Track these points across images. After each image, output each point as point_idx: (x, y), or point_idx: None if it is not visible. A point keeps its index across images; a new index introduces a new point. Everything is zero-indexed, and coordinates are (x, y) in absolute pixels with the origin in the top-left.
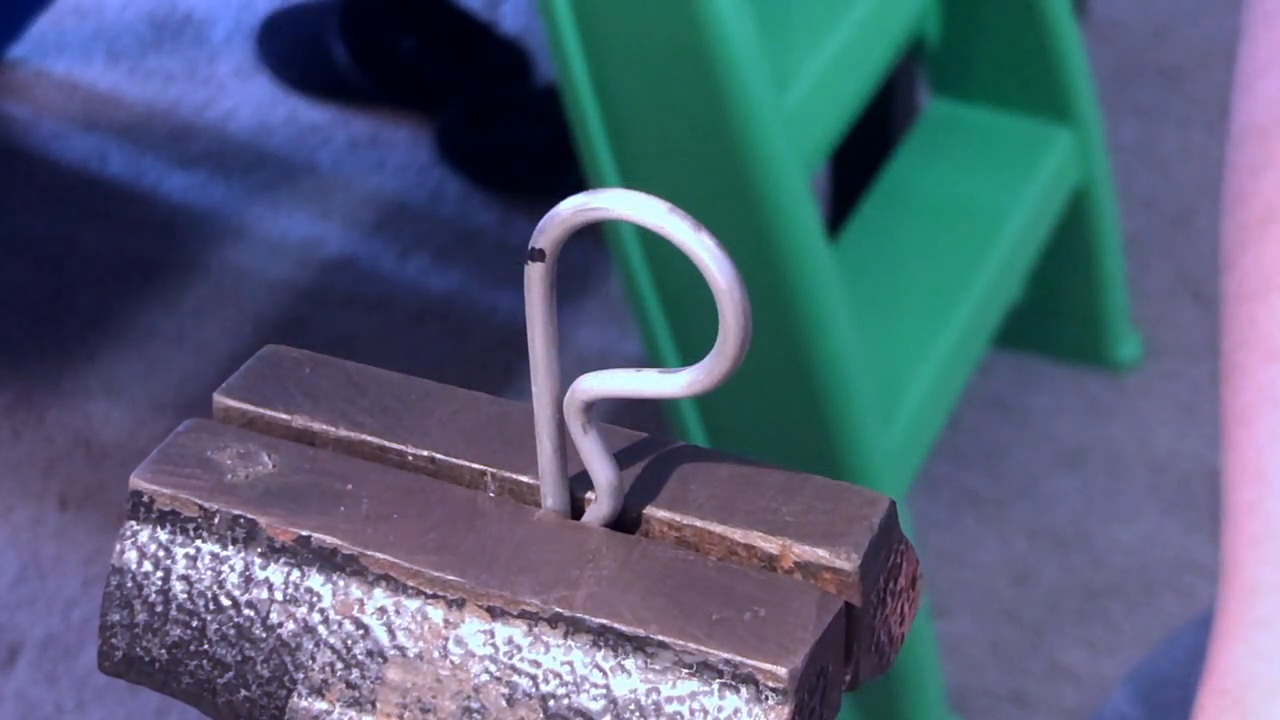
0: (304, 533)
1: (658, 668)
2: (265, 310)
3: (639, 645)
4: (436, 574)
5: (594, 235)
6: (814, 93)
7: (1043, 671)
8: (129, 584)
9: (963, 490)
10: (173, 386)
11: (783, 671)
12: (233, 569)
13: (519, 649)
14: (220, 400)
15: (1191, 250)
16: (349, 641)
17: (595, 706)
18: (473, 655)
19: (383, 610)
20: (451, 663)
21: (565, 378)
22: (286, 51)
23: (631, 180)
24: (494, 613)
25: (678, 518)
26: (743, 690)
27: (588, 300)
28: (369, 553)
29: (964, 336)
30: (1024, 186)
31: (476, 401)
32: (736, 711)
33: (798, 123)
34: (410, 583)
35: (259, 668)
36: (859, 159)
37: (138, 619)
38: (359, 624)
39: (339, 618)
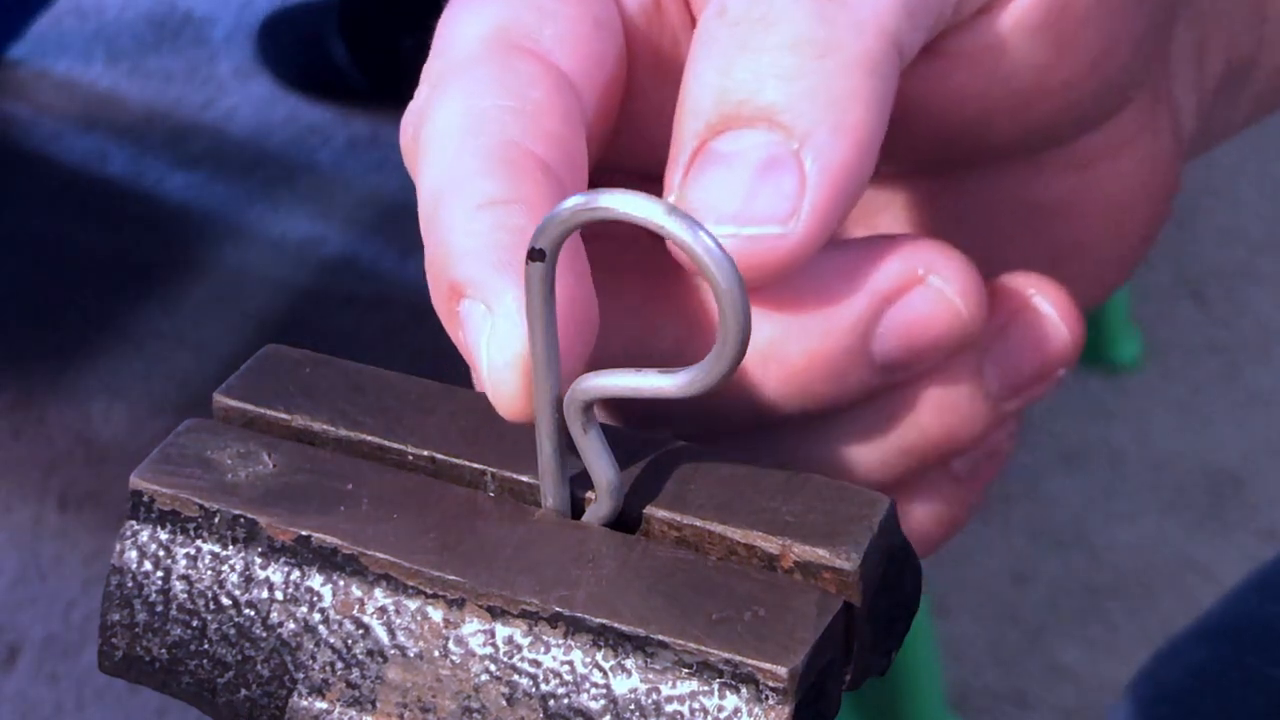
0: (304, 532)
1: (658, 667)
2: (265, 310)
3: (639, 645)
4: (436, 573)
5: None
6: None
7: (1042, 671)
8: (129, 584)
9: None
10: (173, 386)
11: (783, 671)
12: (233, 569)
13: (519, 648)
14: (220, 400)
15: (1191, 250)
16: (349, 641)
17: (595, 706)
18: (473, 655)
19: (383, 610)
20: (451, 662)
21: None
22: (286, 51)
23: None
24: (494, 612)
25: (678, 517)
26: (743, 690)
27: None
28: (369, 552)
29: None
30: None
31: (476, 401)
32: (736, 711)
33: None
34: (410, 582)
35: (259, 667)
36: None
37: (138, 619)
38: (359, 623)
39: (339, 617)
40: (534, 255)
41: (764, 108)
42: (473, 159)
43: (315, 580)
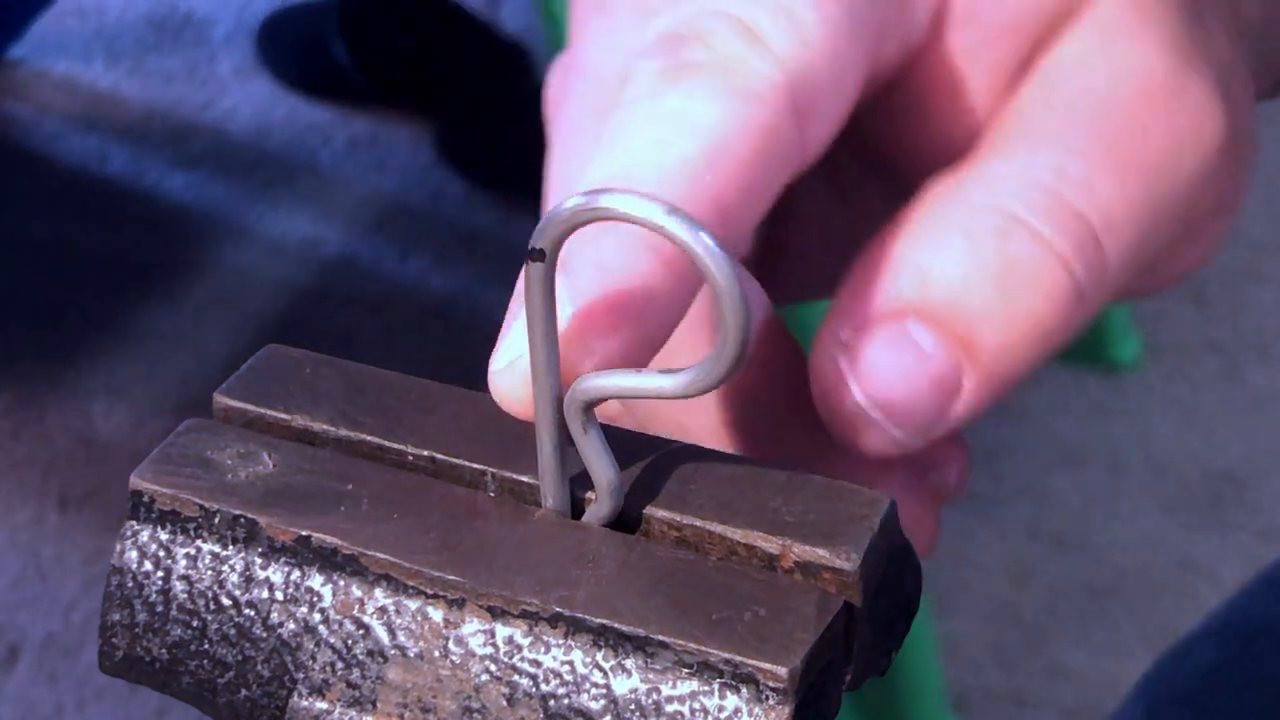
0: (304, 533)
1: (658, 667)
2: (265, 310)
3: (639, 645)
4: (436, 574)
5: None
6: None
7: (1043, 671)
8: (129, 584)
9: None
10: (173, 386)
11: (783, 671)
12: (233, 569)
13: (519, 649)
14: (220, 400)
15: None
16: (349, 641)
17: (595, 706)
18: (473, 655)
19: (383, 610)
20: (452, 662)
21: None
22: (286, 51)
23: None
24: (494, 612)
25: (678, 518)
26: (743, 690)
27: None
28: (369, 552)
29: None
30: None
31: (476, 401)
32: (737, 711)
33: None
34: (410, 582)
35: (259, 668)
36: None
37: (138, 619)
38: (359, 624)
39: (339, 617)
40: (534, 255)
41: (976, 339)
42: (667, 158)
43: (315, 580)
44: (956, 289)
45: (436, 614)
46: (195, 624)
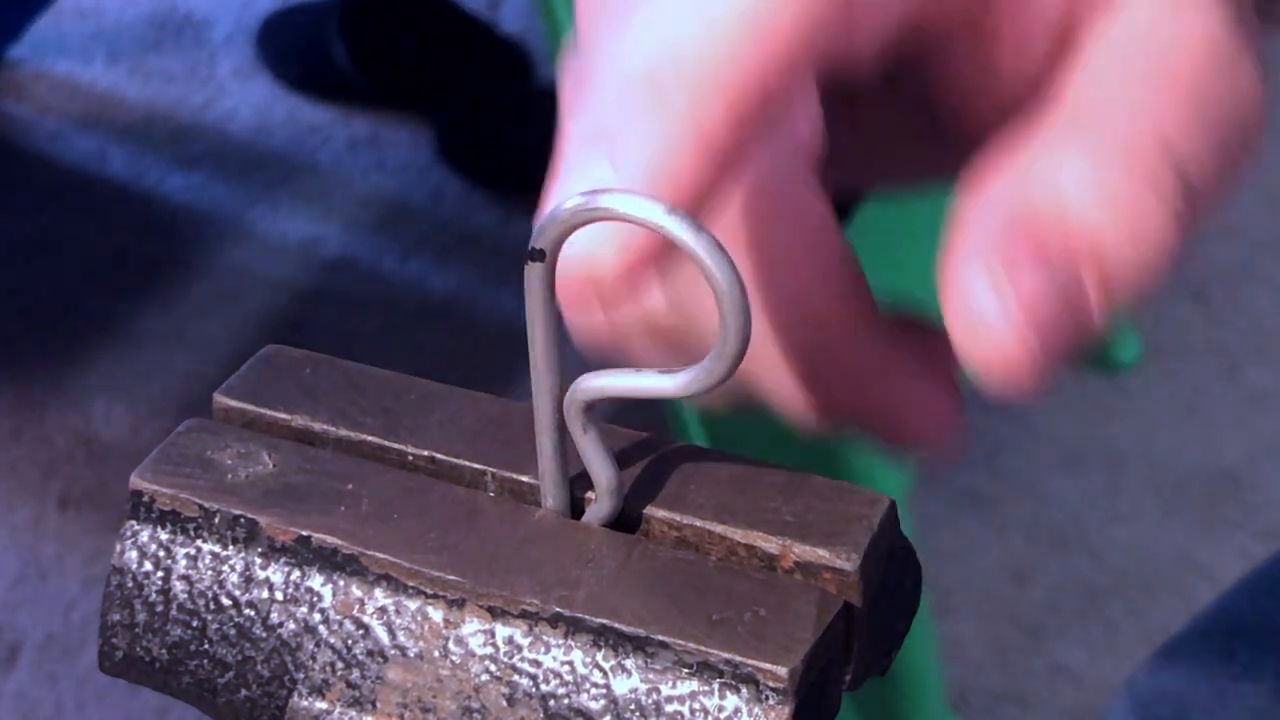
0: (304, 533)
1: (658, 667)
2: (265, 310)
3: (639, 645)
4: (436, 574)
5: None
6: None
7: (1043, 671)
8: (129, 584)
9: (963, 490)
10: (173, 386)
11: (783, 671)
12: (233, 569)
13: (519, 649)
14: (220, 400)
15: (1191, 250)
16: (349, 641)
17: (595, 706)
18: (473, 655)
19: (383, 610)
20: (452, 662)
21: (565, 377)
22: (286, 51)
23: None
24: (494, 612)
25: (678, 518)
26: (743, 690)
27: None
28: (369, 552)
29: None
30: None
31: (476, 401)
32: (737, 711)
33: None
34: (410, 582)
35: (259, 667)
36: None
37: (138, 619)
38: (359, 624)
39: (339, 617)
40: (534, 255)
41: (1108, 266)
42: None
43: (315, 580)
44: (1093, 214)
45: (436, 614)
46: (195, 624)
